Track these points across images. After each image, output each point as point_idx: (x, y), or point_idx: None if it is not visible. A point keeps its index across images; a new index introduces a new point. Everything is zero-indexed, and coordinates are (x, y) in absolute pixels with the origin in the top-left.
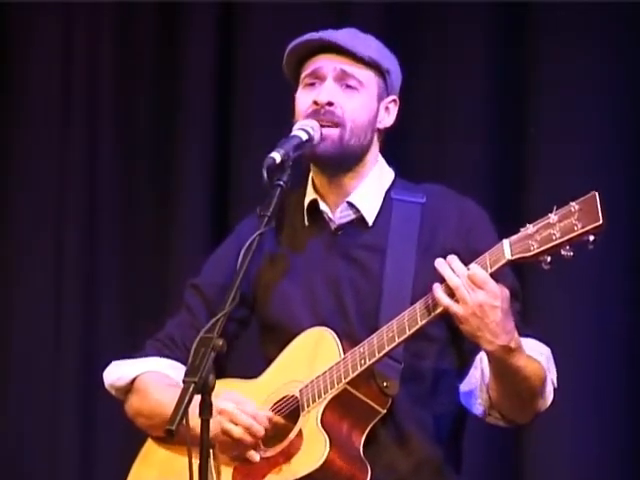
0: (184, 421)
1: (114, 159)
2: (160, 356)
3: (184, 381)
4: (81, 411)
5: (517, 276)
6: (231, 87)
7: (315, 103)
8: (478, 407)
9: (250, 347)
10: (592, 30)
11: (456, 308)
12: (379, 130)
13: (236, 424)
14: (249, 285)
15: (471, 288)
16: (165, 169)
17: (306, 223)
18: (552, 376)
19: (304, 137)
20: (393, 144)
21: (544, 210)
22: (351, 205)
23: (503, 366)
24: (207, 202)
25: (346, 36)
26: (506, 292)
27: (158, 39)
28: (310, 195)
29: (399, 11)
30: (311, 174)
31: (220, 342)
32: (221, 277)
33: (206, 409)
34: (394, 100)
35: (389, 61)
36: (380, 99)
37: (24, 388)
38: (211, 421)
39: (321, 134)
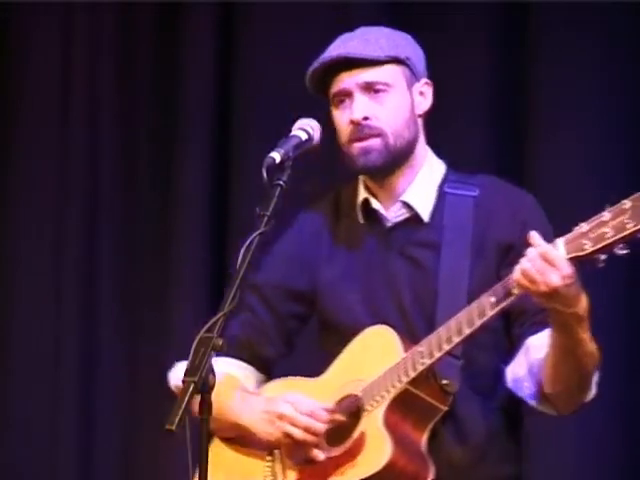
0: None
1: (114, 159)
2: (225, 356)
3: (183, 381)
4: (81, 411)
5: None
6: (231, 87)
7: (352, 122)
8: (526, 390)
9: (308, 345)
10: (592, 30)
11: (531, 287)
12: (420, 116)
13: (296, 426)
14: (309, 283)
15: (546, 268)
16: (165, 169)
17: (361, 221)
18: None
19: (304, 137)
20: None
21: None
22: (405, 204)
23: (569, 335)
24: (207, 202)
25: (357, 44)
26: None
27: (158, 39)
28: (362, 194)
29: (399, 11)
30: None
31: (220, 342)
32: (279, 274)
33: (206, 409)
34: (426, 83)
35: (406, 48)
36: (410, 87)
37: (24, 388)
38: (271, 426)
39: (359, 144)
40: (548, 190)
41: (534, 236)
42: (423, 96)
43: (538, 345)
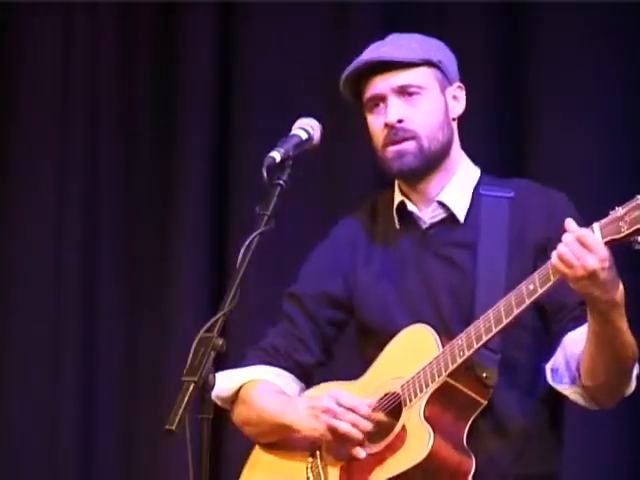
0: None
1: (114, 159)
2: (264, 364)
3: (183, 381)
4: (81, 411)
5: None
6: (231, 87)
7: (386, 125)
8: (564, 384)
9: (345, 351)
10: (592, 30)
11: (568, 271)
12: (454, 119)
13: (340, 420)
14: (346, 289)
15: (583, 251)
16: (165, 169)
17: (397, 225)
18: (637, 367)
19: (304, 136)
20: None
21: None
22: (441, 204)
23: (606, 323)
24: (207, 201)
25: (389, 49)
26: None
27: (158, 39)
28: (398, 197)
29: (399, 11)
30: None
31: (220, 342)
32: (315, 282)
33: (206, 408)
34: (459, 87)
35: (438, 51)
36: (444, 91)
37: (24, 388)
38: (316, 420)
39: (393, 148)
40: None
41: (570, 222)
42: (456, 100)
43: (577, 339)
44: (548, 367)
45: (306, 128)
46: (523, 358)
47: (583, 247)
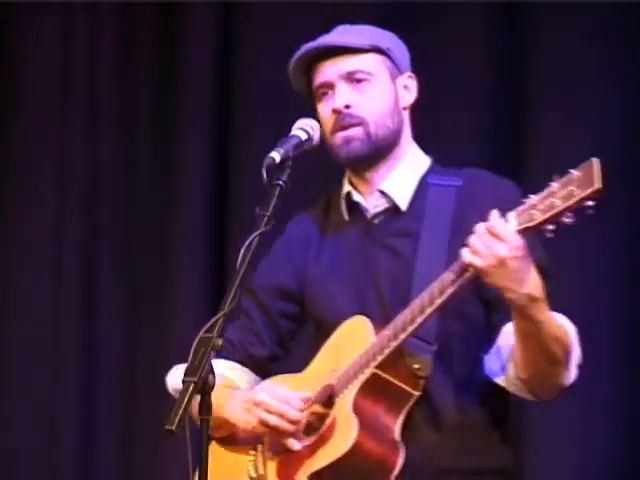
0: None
1: (114, 159)
2: (219, 358)
3: (183, 381)
4: (81, 411)
5: None
6: (231, 87)
7: (334, 111)
8: (500, 375)
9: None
10: (592, 30)
11: (478, 262)
12: (404, 108)
13: (270, 412)
14: (298, 282)
15: (492, 240)
16: (165, 169)
17: (345, 217)
18: (577, 354)
19: (303, 137)
20: None
21: None
22: (383, 193)
23: (527, 319)
24: (207, 201)
25: (338, 34)
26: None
27: (158, 39)
28: (346, 188)
29: (398, 11)
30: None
31: (220, 342)
32: (274, 279)
33: (205, 409)
34: (410, 76)
35: (387, 40)
36: (394, 79)
37: (24, 388)
38: (249, 414)
39: (340, 134)
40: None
41: (492, 213)
42: (407, 89)
43: (510, 331)
44: (486, 359)
45: (306, 129)
46: (463, 349)
47: (493, 237)
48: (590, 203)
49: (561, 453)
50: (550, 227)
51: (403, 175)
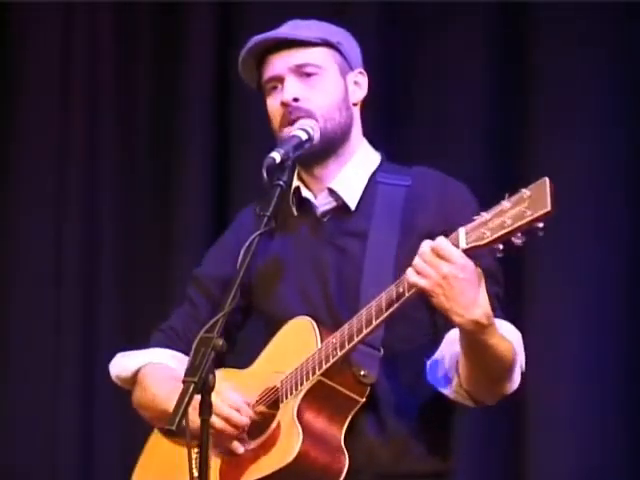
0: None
1: (114, 159)
2: (163, 347)
3: (184, 381)
4: (81, 411)
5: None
6: (231, 87)
7: (282, 104)
8: (444, 384)
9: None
10: (592, 30)
11: (422, 282)
12: (355, 104)
13: (217, 415)
14: (245, 275)
15: (436, 260)
16: (165, 169)
17: (294, 212)
18: (521, 360)
19: (304, 137)
20: (391, 142)
21: None
22: (332, 192)
23: (473, 341)
24: (207, 201)
25: (288, 28)
26: (477, 268)
27: (158, 39)
28: (295, 183)
29: (399, 11)
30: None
31: (220, 342)
32: (221, 269)
33: (206, 409)
34: (360, 72)
35: (338, 34)
36: (344, 74)
37: (24, 389)
38: (195, 413)
39: (287, 133)
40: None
41: (439, 239)
42: (358, 85)
43: (455, 337)
44: (429, 364)
45: (306, 129)
46: (408, 353)
47: (438, 257)
48: (540, 225)
49: (561, 453)
50: (499, 246)
51: (353, 173)
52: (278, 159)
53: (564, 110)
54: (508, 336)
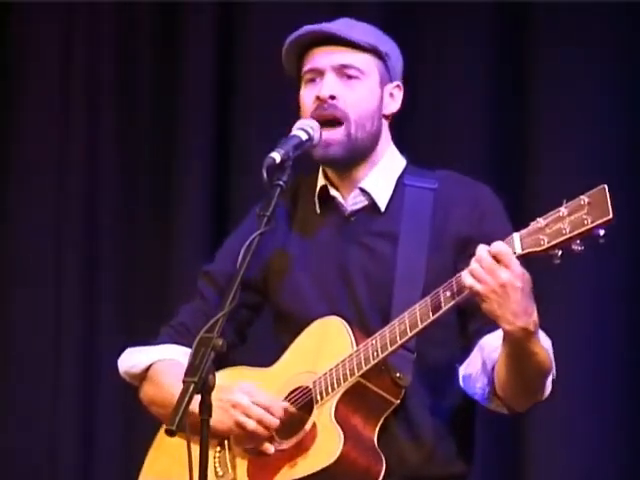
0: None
1: (114, 159)
2: (173, 343)
3: (184, 381)
4: (81, 412)
5: None
6: (231, 87)
7: (317, 99)
8: (478, 390)
9: (266, 335)
10: (592, 30)
11: (478, 287)
12: (385, 116)
13: (249, 417)
14: (260, 272)
15: (495, 266)
16: (165, 169)
17: (317, 210)
18: (553, 367)
19: (304, 137)
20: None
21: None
22: (363, 191)
23: (519, 348)
24: (207, 201)
25: (342, 26)
26: (528, 275)
27: (158, 39)
28: (321, 182)
29: (399, 11)
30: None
31: (220, 342)
32: (230, 263)
33: (206, 409)
34: (398, 86)
35: (388, 45)
36: (383, 84)
37: (24, 389)
38: (225, 414)
39: (322, 135)
40: (549, 190)
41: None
42: (392, 98)
43: (493, 345)
44: (462, 369)
45: (306, 129)
46: (439, 357)
47: (496, 262)
48: (602, 232)
49: (561, 453)
50: (557, 253)
51: (382, 175)
52: (278, 159)
53: (564, 110)
54: (544, 344)
